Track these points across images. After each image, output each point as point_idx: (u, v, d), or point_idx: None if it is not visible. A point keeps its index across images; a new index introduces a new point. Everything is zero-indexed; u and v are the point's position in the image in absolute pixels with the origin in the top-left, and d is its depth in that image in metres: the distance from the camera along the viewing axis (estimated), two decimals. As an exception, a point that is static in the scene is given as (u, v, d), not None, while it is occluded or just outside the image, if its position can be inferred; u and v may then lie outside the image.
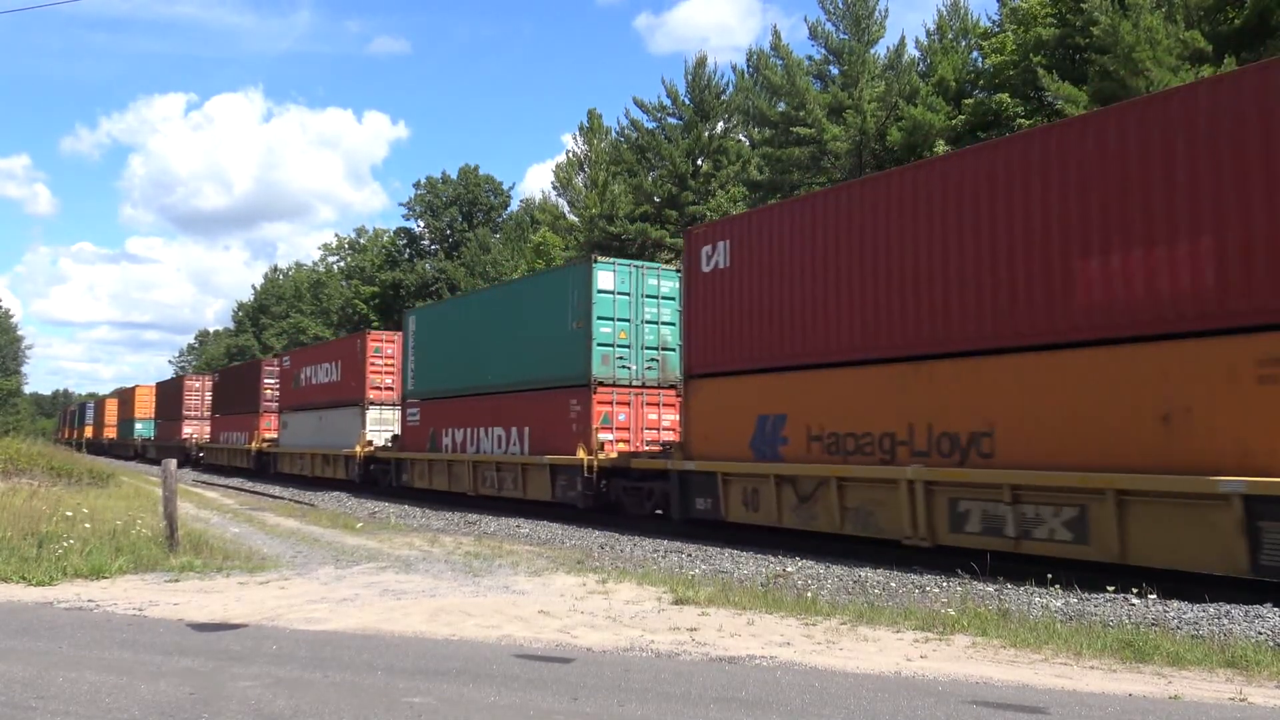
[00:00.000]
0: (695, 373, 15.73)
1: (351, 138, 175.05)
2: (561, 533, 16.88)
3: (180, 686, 5.94)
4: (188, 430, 48.82)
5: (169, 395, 54.09)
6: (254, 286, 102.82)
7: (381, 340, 28.91)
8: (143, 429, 59.71)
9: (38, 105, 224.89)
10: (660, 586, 9.94)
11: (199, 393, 49.64)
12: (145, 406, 60.08)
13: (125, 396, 66.10)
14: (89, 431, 77.27)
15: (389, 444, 27.01)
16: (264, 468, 36.61)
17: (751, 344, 14.55)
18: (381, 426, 28.03)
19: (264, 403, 37.64)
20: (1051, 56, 26.89)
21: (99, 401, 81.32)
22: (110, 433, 70.19)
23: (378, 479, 27.08)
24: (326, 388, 31.01)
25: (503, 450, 21.02)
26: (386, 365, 28.37)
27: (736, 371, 14.87)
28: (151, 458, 54.27)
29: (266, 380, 38.05)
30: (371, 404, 28.10)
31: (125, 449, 62.40)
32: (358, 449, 27.54)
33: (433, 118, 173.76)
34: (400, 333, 27.71)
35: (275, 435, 36.33)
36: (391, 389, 28.12)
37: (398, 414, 27.24)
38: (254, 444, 37.29)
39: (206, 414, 48.00)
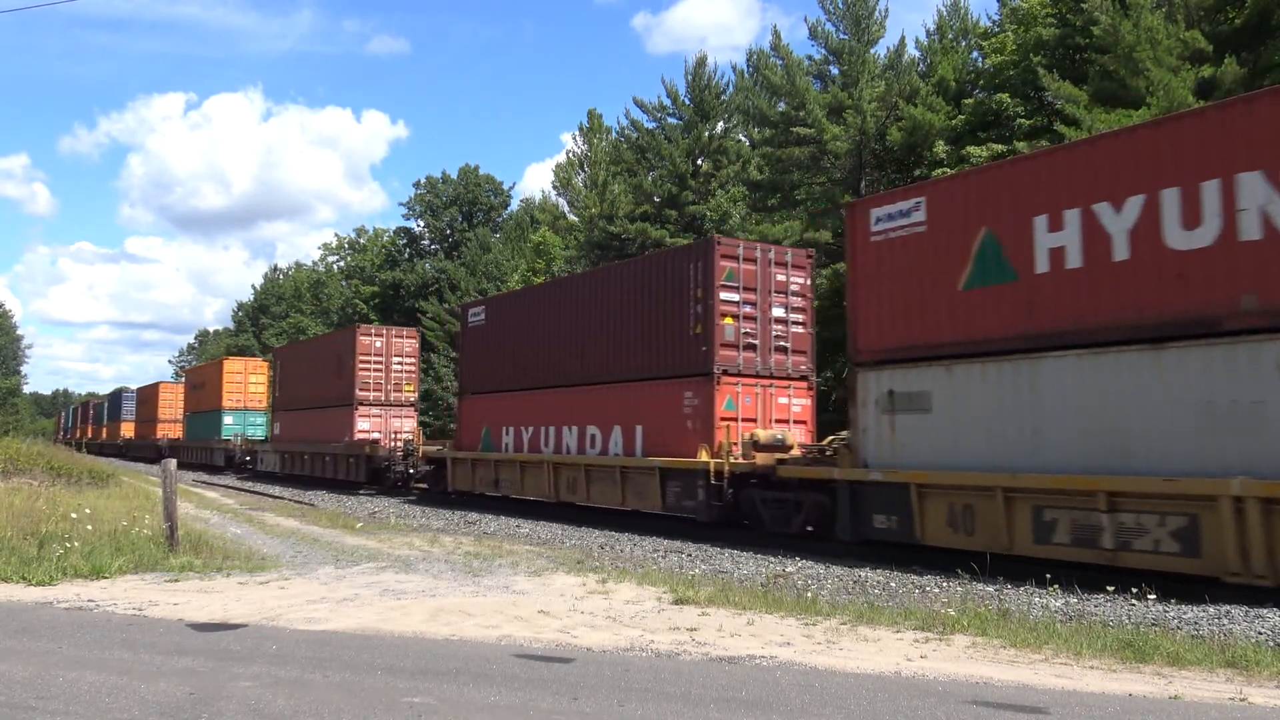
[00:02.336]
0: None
1: (351, 137, 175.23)
2: (561, 533, 16.89)
3: (180, 686, 5.94)
4: (364, 425, 28.72)
5: (314, 366, 32.66)
6: (254, 286, 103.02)
7: None
8: (236, 424, 41.22)
9: (37, 105, 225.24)
10: (660, 586, 9.94)
11: (379, 358, 29.22)
12: (240, 390, 42.06)
13: (202, 378, 47.64)
14: (128, 430, 61.57)
15: None
16: (817, 519, 14.41)
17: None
18: None
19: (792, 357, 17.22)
20: (1051, 56, 26.89)
21: (147, 390, 61.34)
22: (169, 431, 52.13)
23: None
24: None
25: None
26: None
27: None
28: (266, 471, 35.97)
29: (796, 277, 17.26)
30: None
31: (200, 453, 43.55)
32: None
33: (432, 117, 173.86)
34: None
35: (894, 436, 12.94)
36: None
37: None
38: (721, 461, 15.63)
39: (400, 398, 29.61)
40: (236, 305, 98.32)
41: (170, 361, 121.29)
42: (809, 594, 9.84)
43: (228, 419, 41.45)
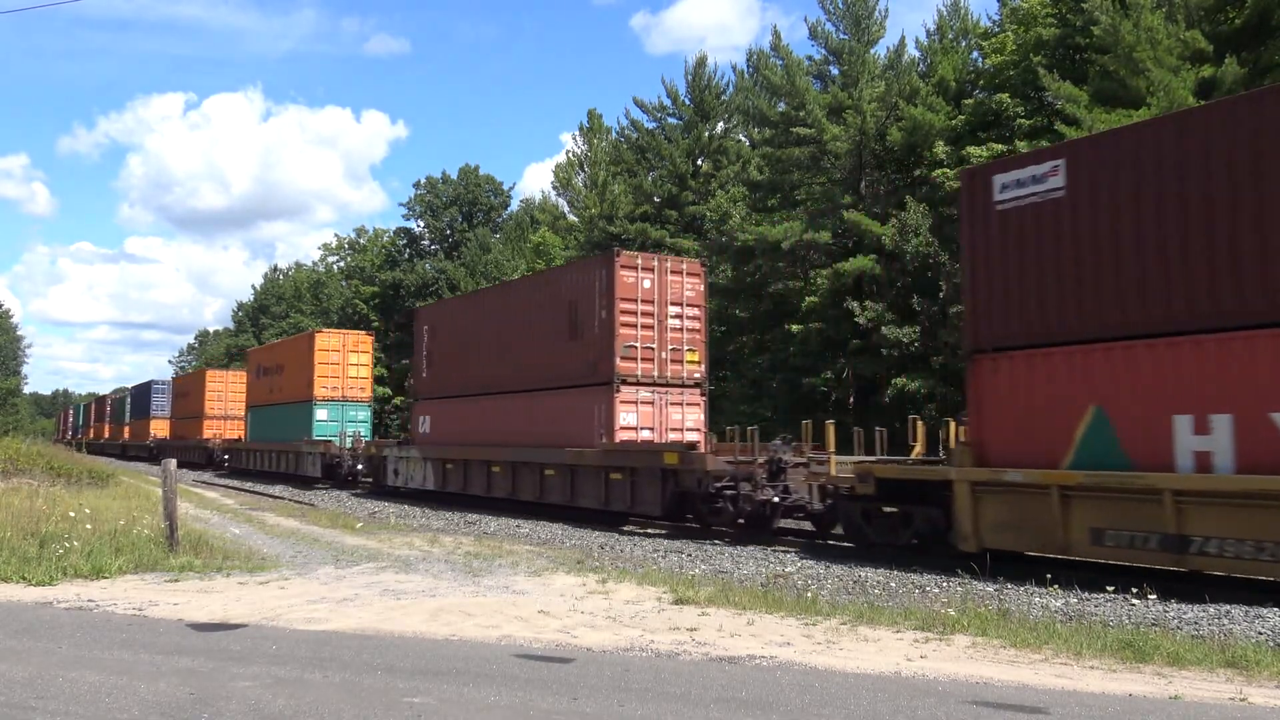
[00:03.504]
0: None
1: (350, 137, 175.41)
2: (561, 533, 16.87)
3: (180, 686, 5.93)
4: (629, 418, 17.66)
5: (511, 326, 21.07)
6: (254, 286, 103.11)
7: None
8: (333, 421, 30.42)
9: (37, 105, 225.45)
10: (660, 586, 9.93)
11: (647, 306, 17.97)
12: (337, 374, 30.83)
13: (277, 359, 34.95)
14: (160, 429, 51.75)
15: None
16: None
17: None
18: None
19: None
20: (1052, 56, 26.91)
21: (188, 380, 50.95)
22: (222, 429, 42.15)
23: None
24: None
25: None
26: None
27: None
28: (407, 488, 24.67)
29: None
30: None
31: (277, 459, 32.89)
32: None
33: (432, 117, 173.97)
34: None
35: None
36: None
37: None
38: None
39: (681, 374, 18.30)
40: (236, 305, 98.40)
41: (170, 362, 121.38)
42: (809, 594, 9.83)
43: (321, 413, 30.25)
